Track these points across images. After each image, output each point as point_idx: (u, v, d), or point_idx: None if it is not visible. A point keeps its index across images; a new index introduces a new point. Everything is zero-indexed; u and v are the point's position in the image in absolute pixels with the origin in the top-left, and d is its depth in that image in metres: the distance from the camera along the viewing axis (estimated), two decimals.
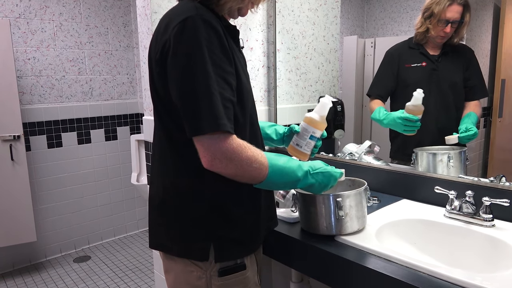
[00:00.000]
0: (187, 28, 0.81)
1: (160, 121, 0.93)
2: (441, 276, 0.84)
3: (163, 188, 0.95)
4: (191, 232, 0.92)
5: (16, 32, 2.74)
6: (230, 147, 0.82)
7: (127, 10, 3.28)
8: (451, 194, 1.16)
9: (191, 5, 0.85)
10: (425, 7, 1.37)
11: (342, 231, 1.05)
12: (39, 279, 2.76)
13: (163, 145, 0.94)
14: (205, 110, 0.80)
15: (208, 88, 0.80)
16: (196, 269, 0.93)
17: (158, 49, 0.86)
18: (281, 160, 0.91)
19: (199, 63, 0.80)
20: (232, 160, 0.82)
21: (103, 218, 3.33)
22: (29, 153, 2.86)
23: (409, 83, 1.43)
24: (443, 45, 1.38)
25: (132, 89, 3.39)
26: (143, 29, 1.40)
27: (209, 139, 0.81)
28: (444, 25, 1.34)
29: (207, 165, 0.83)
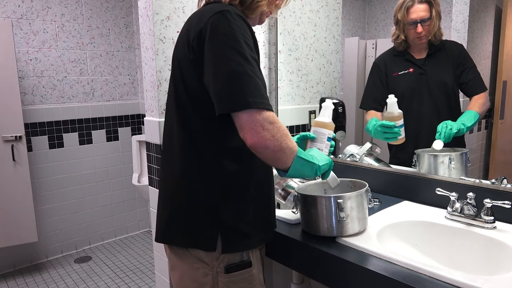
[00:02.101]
0: (225, 17, 0.86)
1: (179, 112, 0.95)
2: (442, 278, 0.84)
3: (175, 179, 0.96)
4: (199, 221, 0.93)
5: (18, 33, 2.75)
6: (274, 117, 0.87)
7: (128, 11, 3.29)
8: (452, 196, 1.16)
9: (225, 4, 0.91)
10: (393, 15, 1.41)
11: (343, 233, 1.05)
12: (40, 280, 2.76)
13: (179, 137, 0.96)
14: (253, 86, 0.84)
15: (251, 66, 0.85)
16: (203, 265, 0.93)
17: (194, 37, 0.89)
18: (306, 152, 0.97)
19: (239, 44, 0.85)
20: (279, 129, 0.86)
21: (104, 218, 3.34)
22: (30, 154, 2.86)
23: (399, 92, 1.43)
24: (428, 46, 1.38)
25: (133, 90, 3.39)
26: (145, 30, 1.41)
27: (256, 111, 0.84)
28: (414, 26, 1.35)
29: (254, 137, 0.84)
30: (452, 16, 1.31)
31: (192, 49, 0.90)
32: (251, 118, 0.84)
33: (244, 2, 0.97)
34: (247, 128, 0.85)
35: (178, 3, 1.41)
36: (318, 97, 1.79)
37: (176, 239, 0.97)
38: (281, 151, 0.87)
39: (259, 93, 0.85)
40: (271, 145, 0.86)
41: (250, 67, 0.85)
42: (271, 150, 0.86)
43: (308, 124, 1.78)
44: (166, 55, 1.40)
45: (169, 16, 1.39)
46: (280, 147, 0.87)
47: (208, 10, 0.90)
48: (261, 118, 0.84)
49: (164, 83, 1.41)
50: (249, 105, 0.83)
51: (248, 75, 0.84)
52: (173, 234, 0.97)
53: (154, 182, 1.49)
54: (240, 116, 0.85)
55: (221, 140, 0.93)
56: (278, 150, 0.87)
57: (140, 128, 3.45)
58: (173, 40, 1.41)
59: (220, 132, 0.92)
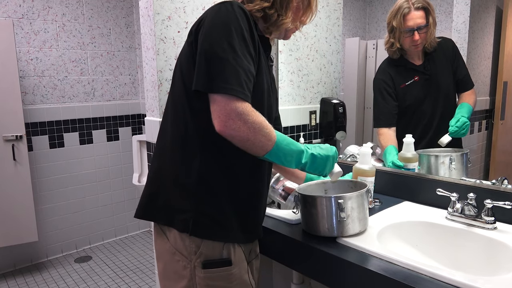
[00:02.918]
0: (225, 7, 0.89)
1: (175, 99, 0.97)
2: (443, 279, 0.84)
3: (163, 159, 0.99)
4: (178, 201, 0.94)
5: (19, 33, 2.75)
6: (245, 109, 0.86)
7: (129, 11, 3.29)
8: (453, 196, 1.16)
9: (243, 5, 0.93)
10: (387, 22, 1.37)
11: (344, 233, 1.05)
12: (40, 279, 2.76)
13: (171, 120, 0.98)
14: (231, 73, 0.85)
15: (235, 55, 0.86)
16: (182, 258, 0.95)
17: (195, 24, 0.93)
18: (286, 137, 0.96)
19: (229, 33, 0.86)
20: (246, 122, 0.86)
21: (104, 218, 3.34)
22: (31, 153, 2.86)
23: (408, 103, 1.41)
24: (424, 51, 1.36)
25: (134, 89, 3.39)
26: (146, 30, 1.41)
27: (227, 98, 0.85)
28: (410, 34, 1.32)
29: (221, 125, 0.86)
30: (453, 17, 1.31)
31: (191, 34, 0.93)
32: (221, 105, 0.85)
33: (268, 19, 0.99)
34: (215, 114, 0.86)
35: (179, 3, 1.41)
36: (318, 98, 1.79)
37: (158, 216, 0.99)
38: (249, 141, 0.88)
39: (235, 80, 0.85)
40: (236, 136, 0.87)
41: (234, 55, 0.86)
42: (238, 140, 0.88)
43: (309, 124, 1.78)
44: (167, 55, 1.40)
45: (170, 16, 1.39)
46: (247, 138, 0.87)
47: (215, 4, 0.93)
48: (230, 108, 0.85)
49: (165, 83, 1.41)
50: (221, 90, 0.84)
51: (229, 62, 0.85)
52: (155, 210, 0.99)
53: None
54: (212, 98, 0.87)
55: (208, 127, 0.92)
56: (246, 141, 0.88)
57: (140, 128, 3.46)
58: (174, 40, 1.41)
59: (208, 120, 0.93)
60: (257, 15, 0.98)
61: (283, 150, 0.93)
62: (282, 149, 0.93)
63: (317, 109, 1.79)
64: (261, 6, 0.97)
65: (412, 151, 1.36)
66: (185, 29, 1.43)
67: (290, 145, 0.95)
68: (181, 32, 1.43)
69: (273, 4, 0.98)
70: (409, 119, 1.43)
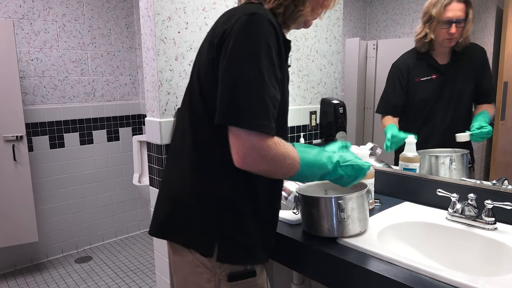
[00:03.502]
0: (252, 22, 0.80)
1: (192, 114, 0.91)
2: (443, 279, 0.84)
3: (182, 176, 0.93)
4: (199, 223, 0.91)
5: (19, 33, 2.75)
6: (265, 145, 0.80)
7: (130, 12, 3.29)
8: (453, 197, 1.16)
9: (260, 6, 0.87)
10: (423, 12, 1.30)
11: (344, 233, 1.05)
12: (40, 280, 2.76)
13: (190, 136, 0.92)
14: (257, 105, 0.78)
15: (263, 82, 0.79)
16: (206, 271, 0.91)
17: (217, 36, 0.84)
18: (312, 153, 0.90)
19: (258, 56, 0.79)
20: (265, 157, 0.81)
21: (104, 218, 3.34)
22: (31, 154, 2.87)
23: (419, 98, 1.37)
24: (452, 51, 1.30)
25: (134, 90, 3.39)
26: (146, 30, 1.41)
27: (249, 133, 0.79)
28: (447, 26, 1.26)
29: (239, 161, 0.81)
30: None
31: (213, 48, 0.85)
32: (241, 140, 0.79)
33: (285, 12, 0.91)
34: (234, 149, 0.81)
35: (179, 4, 1.41)
36: (319, 98, 1.79)
37: (175, 236, 0.95)
38: (269, 173, 0.85)
39: (261, 113, 0.78)
40: (255, 170, 0.83)
41: (262, 83, 0.79)
42: (257, 172, 0.85)
43: (309, 124, 1.78)
44: (167, 55, 1.40)
45: (170, 16, 1.39)
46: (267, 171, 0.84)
47: (239, 10, 0.85)
48: (250, 144, 0.79)
49: (165, 83, 1.41)
50: (245, 125, 0.78)
51: (256, 92, 0.78)
52: (173, 230, 0.96)
53: (155, 182, 1.49)
54: (232, 130, 0.80)
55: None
56: (266, 173, 0.85)
57: (141, 128, 3.46)
58: (174, 40, 1.41)
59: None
60: (278, 11, 0.90)
61: (307, 174, 0.89)
62: (306, 172, 0.89)
63: (317, 109, 1.79)
64: (279, 1, 0.89)
65: (413, 151, 1.36)
66: (185, 29, 1.43)
67: (314, 168, 0.90)
68: (181, 32, 1.43)
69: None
70: (417, 115, 1.39)
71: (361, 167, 0.97)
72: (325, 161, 0.91)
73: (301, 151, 0.89)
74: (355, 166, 0.96)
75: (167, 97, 1.42)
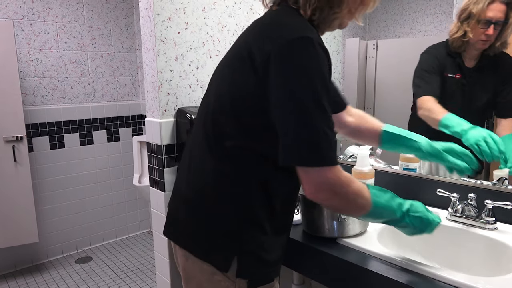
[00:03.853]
0: (305, 49, 0.76)
1: (216, 123, 0.87)
2: (443, 279, 0.84)
3: (201, 187, 0.90)
4: (217, 237, 0.88)
5: (19, 34, 2.75)
6: (338, 181, 0.79)
7: (129, 12, 3.29)
8: (453, 196, 1.16)
9: (304, 22, 0.82)
10: (462, 8, 1.22)
11: (344, 234, 1.05)
12: (41, 280, 2.76)
13: (210, 148, 0.89)
14: (323, 140, 0.76)
15: (324, 116, 0.76)
16: (224, 278, 0.88)
17: (260, 59, 0.79)
18: (384, 197, 0.87)
19: (316, 88, 0.76)
20: (338, 194, 0.80)
21: (105, 219, 3.34)
22: (31, 154, 2.86)
23: (443, 93, 1.31)
24: (480, 55, 1.24)
25: (134, 90, 3.40)
26: (146, 31, 1.41)
27: (316, 171, 0.77)
28: (485, 26, 1.18)
29: (311, 196, 0.81)
30: (453, 17, 1.31)
31: (254, 68, 0.80)
32: (313, 177, 0.78)
33: (320, 16, 0.85)
34: (306, 185, 0.80)
35: (179, 4, 1.41)
36: None
37: (190, 246, 0.92)
38: (340, 211, 0.85)
39: (326, 148, 0.76)
40: (327, 205, 0.84)
41: (323, 116, 0.76)
42: (328, 207, 0.85)
43: None
44: (167, 56, 1.40)
45: (170, 17, 1.39)
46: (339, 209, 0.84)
47: (283, 26, 0.80)
48: (322, 180, 0.78)
49: (165, 84, 1.41)
50: (313, 163, 0.77)
51: (320, 127, 0.76)
52: (188, 239, 0.93)
53: (155, 183, 1.49)
54: (307, 170, 0.78)
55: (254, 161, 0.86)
56: (336, 210, 0.86)
57: (141, 129, 3.46)
58: (174, 41, 1.41)
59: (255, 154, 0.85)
60: (314, 17, 0.85)
61: (374, 216, 0.87)
62: (374, 215, 0.87)
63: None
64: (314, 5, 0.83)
65: None
66: (185, 30, 1.43)
67: (383, 213, 0.87)
68: (181, 33, 1.43)
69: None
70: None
71: (430, 222, 0.91)
72: (395, 208, 0.88)
73: (374, 194, 0.86)
74: (424, 219, 0.90)
75: (167, 97, 1.42)
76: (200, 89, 1.52)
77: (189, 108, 1.45)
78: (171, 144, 1.44)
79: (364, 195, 0.83)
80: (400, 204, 0.89)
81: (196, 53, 1.49)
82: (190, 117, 1.37)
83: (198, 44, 1.49)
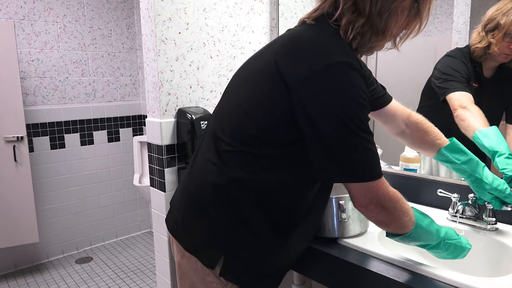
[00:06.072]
0: (344, 75, 0.75)
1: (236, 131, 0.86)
2: (444, 280, 0.84)
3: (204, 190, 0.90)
4: (209, 236, 0.88)
5: (20, 34, 2.76)
6: (388, 196, 0.80)
7: (130, 12, 3.30)
8: (454, 197, 1.16)
9: (342, 45, 0.80)
10: (488, 18, 1.17)
11: (345, 234, 1.05)
12: (41, 280, 2.76)
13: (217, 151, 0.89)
14: (367, 158, 0.78)
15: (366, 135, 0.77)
16: (216, 280, 0.89)
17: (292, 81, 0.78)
18: (426, 221, 0.88)
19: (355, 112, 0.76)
20: (387, 209, 0.81)
21: (105, 219, 3.34)
22: (32, 154, 2.87)
23: None
24: (499, 66, 1.21)
25: (135, 90, 3.40)
26: (147, 31, 1.41)
27: (366, 187, 0.79)
28: (511, 40, 1.14)
29: (361, 208, 0.82)
30: (453, 18, 1.31)
31: (286, 88, 0.78)
32: (363, 192, 0.80)
33: (360, 41, 0.82)
34: (355, 199, 0.82)
35: (180, 4, 1.41)
36: None
37: (182, 239, 0.94)
38: (384, 226, 0.85)
39: (371, 165, 0.78)
40: (374, 219, 0.84)
41: (365, 136, 0.77)
42: (373, 221, 0.85)
43: None
44: (168, 56, 1.40)
45: (171, 17, 1.39)
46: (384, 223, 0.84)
47: (318, 48, 0.78)
48: (371, 195, 0.79)
49: (166, 84, 1.41)
50: (360, 179, 0.78)
51: (363, 146, 0.77)
52: (181, 233, 0.94)
53: (155, 183, 1.49)
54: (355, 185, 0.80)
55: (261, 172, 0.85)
56: (380, 224, 0.85)
57: (141, 129, 3.46)
58: (175, 41, 1.41)
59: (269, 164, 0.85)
60: (355, 42, 0.82)
61: (413, 238, 0.87)
62: (413, 237, 0.87)
63: None
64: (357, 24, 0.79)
65: (414, 151, 1.35)
66: (186, 30, 1.44)
67: (422, 236, 0.88)
68: (182, 33, 1.43)
69: (369, 18, 0.79)
70: (441, 116, 1.26)
71: (463, 248, 0.93)
72: (433, 232, 0.89)
73: (418, 216, 0.87)
74: (458, 246, 0.92)
75: (168, 97, 1.43)
76: (201, 89, 1.52)
77: (190, 108, 1.45)
78: (171, 144, 1.44)
79: (409, 214, 0.84)
80: (438, 230, 0.90)
81: (197, 53, 1.49)
82: (191, 117, 1.37)
83: (199, 44, 1.49)
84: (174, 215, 0.99)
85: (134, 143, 3.15)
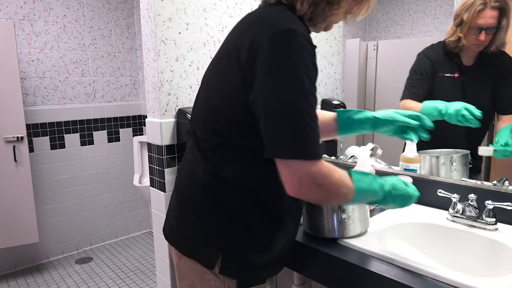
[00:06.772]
0: (289, 41, 0.75)
1: (208, 125, 0.88)
2: (444, 280, 0.84)
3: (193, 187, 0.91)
4: (203, 235, 0.89)
5: (20, 34, 2.76)
6: (320, 173, 0.77)
7: (130, 12, 3.30)
8: (454, 197, 1.16)
9: (290, 15, 0.80)
10: (455, 13, 1.25)
11: (345, 234, 1.05)
12: (41, 280, 2.76)
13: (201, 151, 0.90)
14: (305, 134, 0.75)
15: (308, 107, 0.75)
16: (214, 278, 0.89)
17: (245, 56, 0.78)
18: (366, 181, 0.87)
19: (301, 81, 0.75)
20: (321, 185, 0.78)
21: (105, 219, 3.34)
22: (32, 154, 2.87)
23: (438, 94, 1.33)
24: (479, 54, 1.26)
25: (135, 91, 3.40)
26: (147, 31, 1.41)
27: (297, 164, 0.76)
28: (477, 32, 1.21)
29: (293, 191, 0.78)
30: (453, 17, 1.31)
31: (240, 66, 0.80)
32: (293, 170, 0.76)
33: (315, 10, 0.84)
34: (286, 179, 0.78)
35: (180, 4, 1.41)
36: (319, 99, 1.80)
37: (179, 244, 0.95)
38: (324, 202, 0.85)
39: (310, 141, 0.75)
40: (310, 199, 0.82)
41: (307, 108, 0.75)
42: (312, 201, 0.84)
43: None
44: (168, 56, 1.40)
45: (170, 17, 1.39)
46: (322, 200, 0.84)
47: (268, 20, 0.79)
48: (303, 173, 0.76)
49: (166, 84, 1.41)
50: (296, 156, 0.75)
51: (303, 120, 0.75)
52: (177, 237, 0.95)
53: (155, 183, 1.49)
54: (285, 162, 0.77)
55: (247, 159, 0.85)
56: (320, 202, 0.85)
57: (141, 129, 3.46)
58: (175, 41, 1.41)
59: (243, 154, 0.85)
60: (309, 12, 0.84)
61: (358, 201, 0.88)
62: (357, 200, 0.87)
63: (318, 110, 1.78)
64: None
65: (414, 151, 1.35)
66: (186, 30, 1.44)
67: (366, 196, 0.88)
68: (182, 33, 1.43)
69: None
70: None
71: (410, 196, 0.92)
72: (377, 189, 0.88)
73: (356, 179, 0.86)
74: (405, 195, 0.92)
75: (168, 98, 1.43)
76: None
77: (190, 108, 1.45)
78: (171, 145, 1.44)
79: (346, 183, 0.83)
80: (382, 185, 0.89)
81: (197, 54, 1.49)
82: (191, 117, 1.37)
83: (199, 45, 1.49)
84: (169, 221, 1.00)
85: (134, 143, 3.15)
